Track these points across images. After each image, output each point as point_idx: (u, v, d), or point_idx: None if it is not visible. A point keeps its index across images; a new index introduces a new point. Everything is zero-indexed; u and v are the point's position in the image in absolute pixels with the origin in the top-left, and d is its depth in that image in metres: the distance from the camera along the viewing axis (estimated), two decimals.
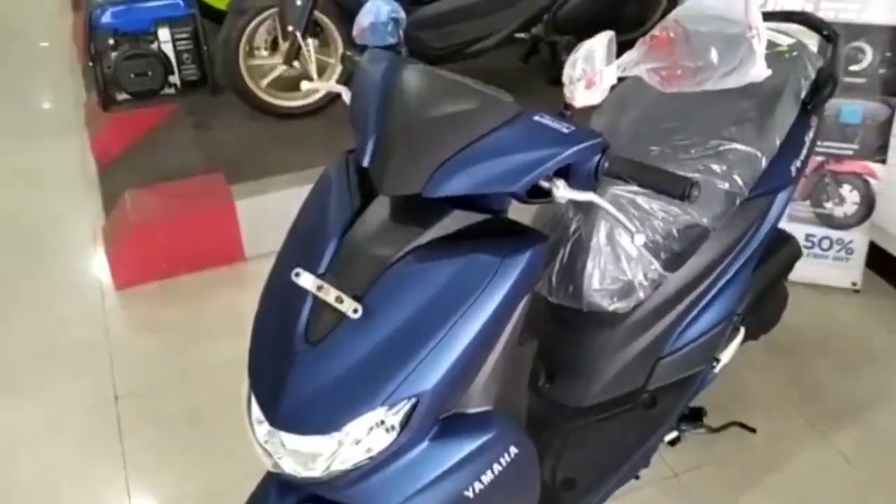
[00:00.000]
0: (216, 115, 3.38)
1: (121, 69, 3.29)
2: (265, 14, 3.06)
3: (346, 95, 1.39)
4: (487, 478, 1.24)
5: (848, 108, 2.45)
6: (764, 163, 1.68)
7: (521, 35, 3.22)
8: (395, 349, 1.12)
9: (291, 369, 1.17)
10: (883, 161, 2.48)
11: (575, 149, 1.10)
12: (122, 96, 3.40)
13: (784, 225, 2.54)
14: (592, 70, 1.08)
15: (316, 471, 1.17)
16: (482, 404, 1.23)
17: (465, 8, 3.18)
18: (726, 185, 1.63)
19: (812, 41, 1.98)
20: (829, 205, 2.58)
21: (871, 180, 2.51)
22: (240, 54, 3.08)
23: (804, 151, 1.78)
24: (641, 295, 1.61)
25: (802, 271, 2.62)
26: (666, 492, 2.04)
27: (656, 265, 1.60)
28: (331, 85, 1.52)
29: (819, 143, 2.43)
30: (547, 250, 1.20)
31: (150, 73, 3.33)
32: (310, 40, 3.11)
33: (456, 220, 1.19)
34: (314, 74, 1.55)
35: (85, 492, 2.09)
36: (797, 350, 2.45)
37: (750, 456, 2.12)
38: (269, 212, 2.87)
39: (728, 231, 1.70)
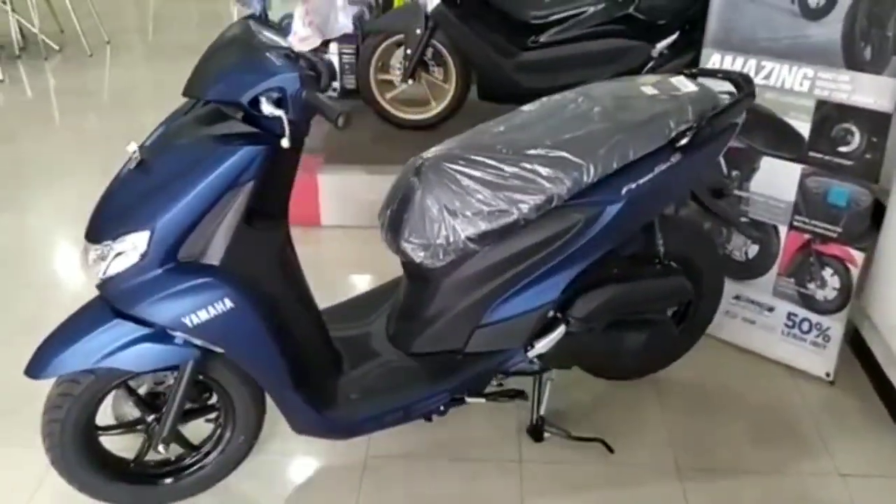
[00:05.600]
0: (358, 117, 4.04)
1: None
2: (393, 38, 3.70)
3: None
4: (204, 315, 1.69)
5: (835, 190, 2.42)
6: (590, 175, 1.90)
7: None
8: (145, 193, 1.65)
9: (103, 201, 1.73)
10: (863, 249, 2.41)
11: (276, 77, 1.56)
12: None
13: (769, 300, 2.61)
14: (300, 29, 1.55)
15: (99, 275, 1.71)
16: (210, 260, 1.70)
17: (564, 58, 3.54)
18: (546, 185, 1.89)
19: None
20: (811, 286, 2.54)
21: (851, 267, 2.44)
22: (370, 68, 3.74)
23: (645, 178, 1.95)
24: (441, 255, 1.92)
25: (780, 351, 2.63)
26: (501, 470, 2.23)
27: (461, 235, 1.90)
28: None
29: (806, 220, 2.48)
30: (261, 155, 1.63)
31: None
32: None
33: (229, 126, 1.68)
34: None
35: None
36: (721, 409, 2.46)
37: (596, 468, 2.23)
38: (345, 191, 3.48)
39: (546, 226, 1.94)
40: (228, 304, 1.70)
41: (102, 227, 1.69)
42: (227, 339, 1.74)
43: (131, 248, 1.65)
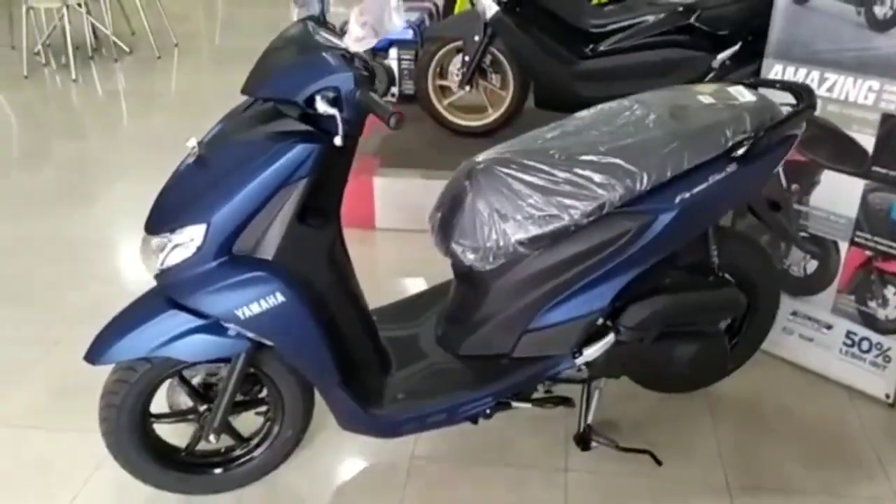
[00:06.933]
0: (415, 122, 4.07)
1: None
2: (451, 45, 3.72)
3: None
4: (256, 308, 1.73)
5: None
6: (644, 183, 1.89)
7: None
8: (203, 187, 1.70)
9: (163, 195, 1.79)
10: None
11: (331, 76, 1.59)
12: None
13: (828, 317, 2.55)
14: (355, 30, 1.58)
15: (157, 266, 1.76)
16: (263, 254, 1.74)
17: (623, 68, 3.51)
18: (598, 191, 1.89)
19: None
20: (872, 304, 2.47)
21: None
22: (429, 74, 3.78)
23: (700, 188, 1.92)
24: (491, 258, 1.93)
25: (838, 370, 2.55)
26: (546, 479, 2.22)
27: (511, 238, 1.91)
28: None
29: (868, 237, 2.41)
30: (315, 153, 1.67)
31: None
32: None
33: (285, 124, 1.72)
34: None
35: None
36: (775, 427, 2.40)
37: (643, 481, 2.20)
38: (400, 195, 3.51)
39: (597, 233, 1.93)
40: (280, 298, 1.73)
41: (161, 220, 1.75)
42: (277, 332, 1.78)
43: (188, 240, 1.70)
